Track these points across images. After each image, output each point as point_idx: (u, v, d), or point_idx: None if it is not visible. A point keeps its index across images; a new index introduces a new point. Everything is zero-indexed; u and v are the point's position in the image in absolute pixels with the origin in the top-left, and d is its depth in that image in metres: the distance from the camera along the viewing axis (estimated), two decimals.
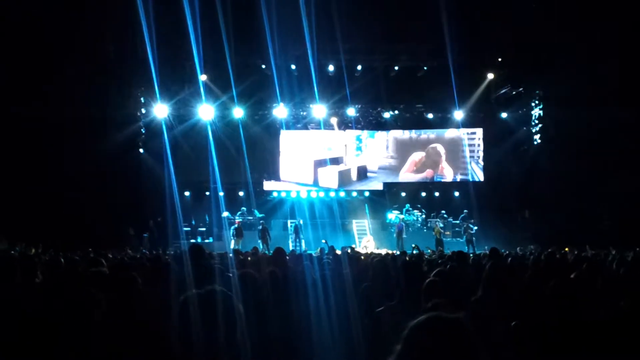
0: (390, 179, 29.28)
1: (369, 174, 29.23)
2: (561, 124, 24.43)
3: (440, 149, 29.07)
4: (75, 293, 3.79)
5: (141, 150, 25.78)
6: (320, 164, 28.79)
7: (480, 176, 28.83)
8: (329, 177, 28.86)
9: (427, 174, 29.17)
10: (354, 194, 29.08)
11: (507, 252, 16.76)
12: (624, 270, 6.61)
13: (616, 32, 20.14)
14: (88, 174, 21.59)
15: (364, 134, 29.27)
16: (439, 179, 29.42)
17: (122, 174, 22.99)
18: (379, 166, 29.31)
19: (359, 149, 29.41)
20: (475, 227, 25.10)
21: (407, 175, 29.19)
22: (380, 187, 29.31)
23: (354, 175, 29.11)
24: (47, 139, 21.01)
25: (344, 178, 28.87)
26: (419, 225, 27.71)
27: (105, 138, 22.33)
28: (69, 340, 3.27)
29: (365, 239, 25.86)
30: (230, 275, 6.75)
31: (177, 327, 2.57)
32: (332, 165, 28.90)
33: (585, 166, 22.92)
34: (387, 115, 27.91)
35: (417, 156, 29.14)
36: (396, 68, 26.41)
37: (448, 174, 29.12)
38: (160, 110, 26.59)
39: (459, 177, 29.18)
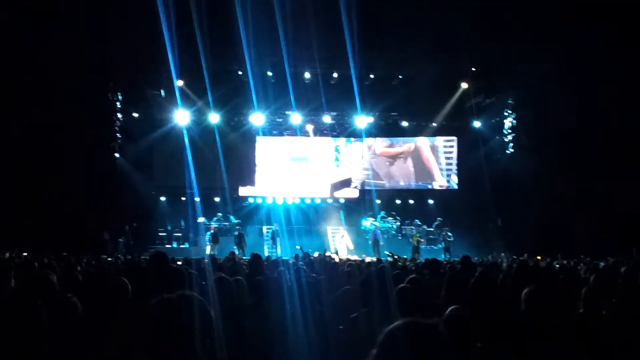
0: (365, 187, 29.45)
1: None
2: (533, 133, 24.76)
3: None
4: (50, 298, 3.81)
5: (117, 155, 25.57)
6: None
7: (454, 184, 29.09)
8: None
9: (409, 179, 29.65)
10: (330, 200, 29.15)
11: (480, 260, 17.02)
12: (594, 278, 6.76)
13: (589, 41, 20.42)
14: (63, 178, 21.41)
15: (342, 143, 29.49)
16: (417, 186, 29.70)
17: (97, 178, 22.79)
18: (354, 174, 29.53)
19: (337, 159, 29.61)
20: (451, 235, 25.34)
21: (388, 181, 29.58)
22: (355, 194, 29.46)
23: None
24: (20, 142, 20.80)
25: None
26: (394, 232, 27.84)
27: (80, 142, 22.14)
28: (42, 345, 3.28)
29: (340, 235, 25.85)
30: (204, 281, 6.79)
31: (148, 332, 2.58)
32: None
33: (558, 176, 23.21)
34: (362, 123, 27.98)
35: (398, 160, 29.58)
36: (372, 76, 26.56)
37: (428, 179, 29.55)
38: (137, 115, 26.52)
39: (438, 185, 29.39)
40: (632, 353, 4.52)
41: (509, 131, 27.36)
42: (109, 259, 17.02)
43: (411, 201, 30.25)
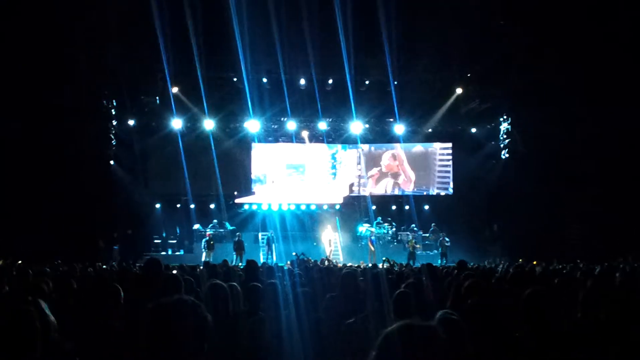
0: (361, 193, 29.46)
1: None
2: (528, 138, 24.77)
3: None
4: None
5: (112, 162, 25.49)
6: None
7: (450, 189, 29.10)
8: None
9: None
10: (325, 206, 29.14)
11: (476, 264, 16.99)
12: (592, 283, 6.75)
13: (583, 48, 20.45)
14: (58, 185, 21.30)
15: (338, 150, 29.54)
16: (405, 193, 29.70)
17: (92, 185, 22.68)
18: (350, 181, 29.55)
19: (333, 167, 29.64)
20: (448, 240, 25.32)
21: (372, 189, 29.60)
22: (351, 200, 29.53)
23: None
24: (15, 150, 20.69)
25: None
26: (389, 238, 27.80)
27: (75, 149, 22.06)
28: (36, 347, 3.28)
29: (330, 241, 25.96)
30: (199, 288, 6.75)
31: (145, 337, 2.55)
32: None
33: (553, 181, 23.22)
34: (357, 129, 27.97)
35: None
36: (367, 82, 26.54)
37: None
38: (132, 122, 26.46)
39: (435, 191, 29.40)
40: (632, 358, 4.49)
41: (505, 136, 27.36)
42: (104, 266, 16.96)
43: (407, 207, 30.24)
